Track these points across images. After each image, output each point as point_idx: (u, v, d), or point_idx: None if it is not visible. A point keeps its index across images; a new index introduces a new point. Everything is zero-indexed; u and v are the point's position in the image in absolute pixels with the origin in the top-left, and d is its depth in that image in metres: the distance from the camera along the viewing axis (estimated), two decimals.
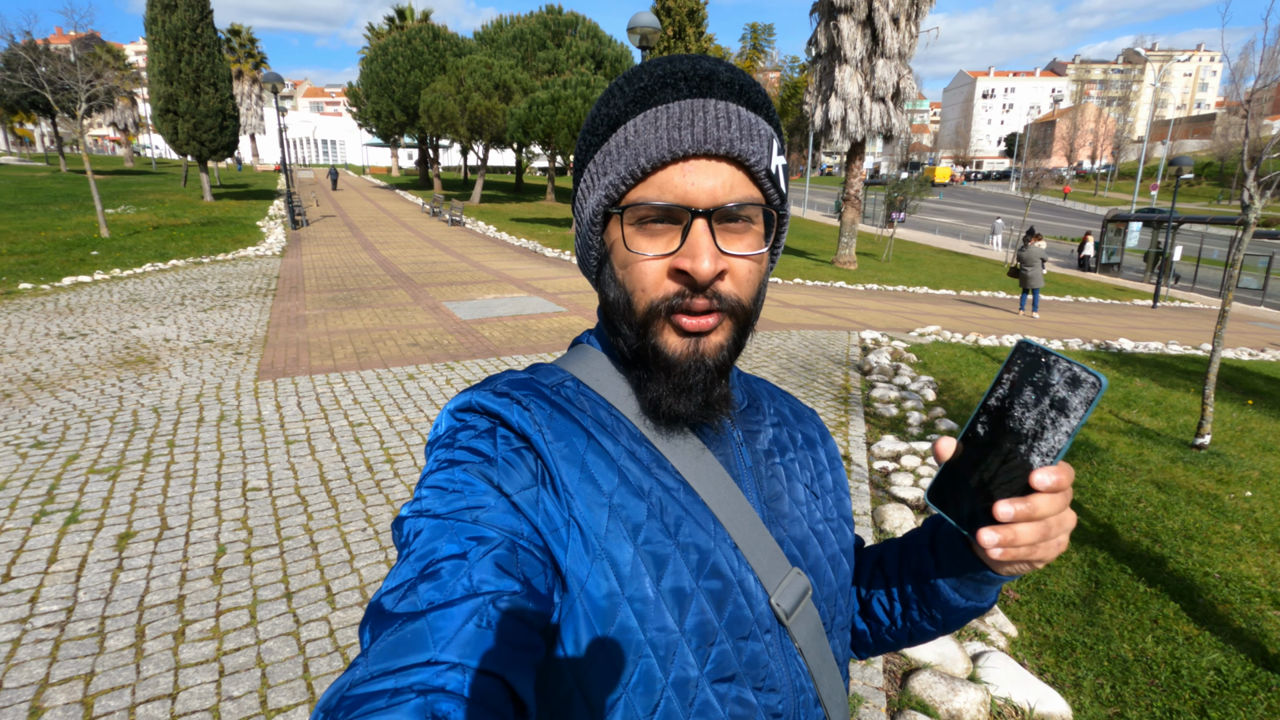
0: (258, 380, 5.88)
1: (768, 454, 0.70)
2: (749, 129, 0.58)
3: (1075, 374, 0.49)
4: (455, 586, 0.46)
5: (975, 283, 19.13)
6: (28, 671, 2.42)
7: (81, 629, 2.66)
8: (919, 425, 5.42)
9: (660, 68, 0.60)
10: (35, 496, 3.71)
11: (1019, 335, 9.80)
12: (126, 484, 3.89)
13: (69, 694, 2.32)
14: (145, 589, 2.93)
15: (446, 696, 0.40)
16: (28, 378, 5.81)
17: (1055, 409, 0.50)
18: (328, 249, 15.84)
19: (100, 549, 3.22)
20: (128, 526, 3.43)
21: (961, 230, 35.94)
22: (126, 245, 14.52)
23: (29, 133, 65.87)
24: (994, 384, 0.53)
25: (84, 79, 17.60)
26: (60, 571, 3.03)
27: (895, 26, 17.47)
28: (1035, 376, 0.51)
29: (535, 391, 0.61)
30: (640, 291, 0.59)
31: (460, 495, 0.53)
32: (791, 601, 0.63)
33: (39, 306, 8.78)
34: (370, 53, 38.12)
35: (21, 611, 2.75)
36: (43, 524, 3.43)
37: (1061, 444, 0.50)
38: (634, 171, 0.57)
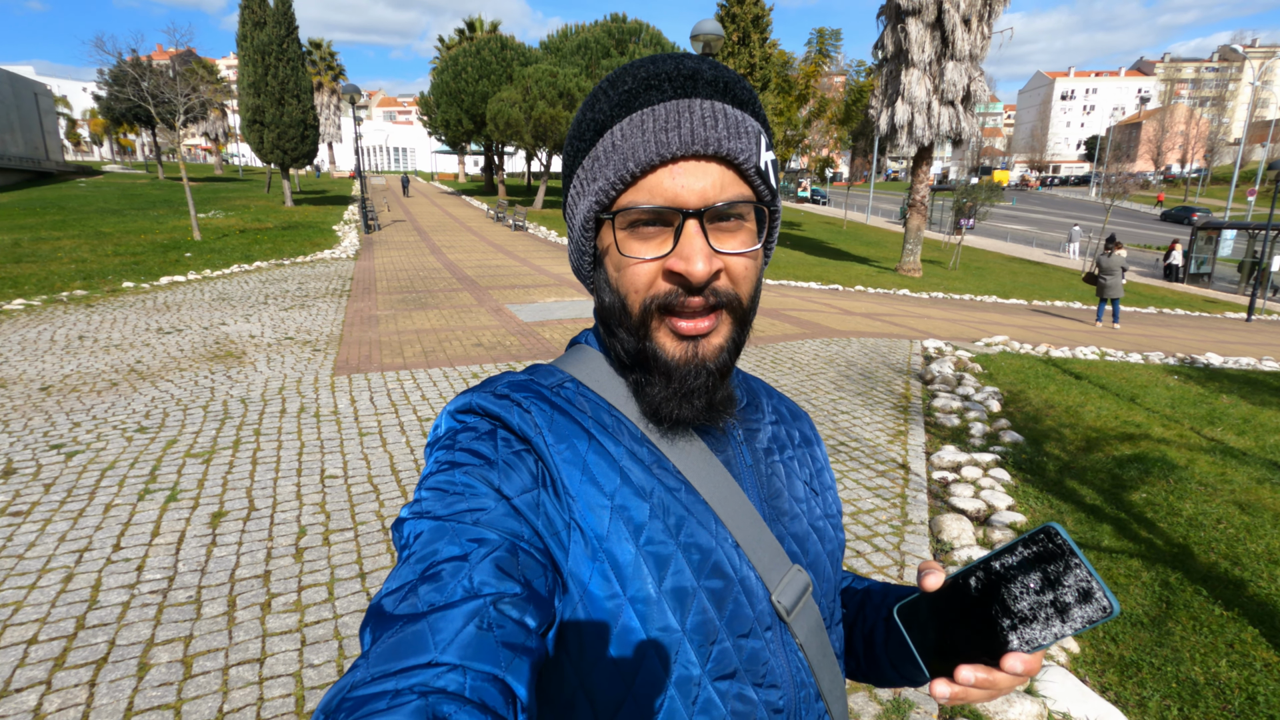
0: (334, 375, 6.22)
1: (767, 452, 0.70)
2: (736, 127, 0.58)
3: (1090, 588, 0.47)
4: (456, 588, 0.46)
5: (1049, 292, 18.36)
6: (136, 632, 2.68)
7: (181, 596, 2.91)
8: (982, 436, 5.30)
9: (644, 69, 0.59)
10: (140, 476, 4.06)
11: (1094, 348, 9.39)
12: (218, 467, 4.21)
13: (171, 654, 2.56)
14: (235, 564, 3.18)
15: (447, 698, 0.40)
16: (131, 368, 6.32)
17: (1055, 608, 0.48)
18: (398, 252, 16.50)
19: (196, 525, 3.51)
20: (219, 506, 3.72)
21: (1035, 238, 34.51)
22: (216, 247, 15.50)
23: (131, 142, 70.92)
24: (1005, 549, 0.51)
25: (182, 93, 18.92)
26: (162, 544, 3.32)
27: (966, 28, 17.00)
28: (1050, 567, 0.48)
29: (535, 393, 0.61)
30: (634, 293, 0.59)
31: (461, 497, 0.53)
32: (792, 598, 0.63)
33: (140, 303, 9.49)
34: (441, 63, 39.49)
35: (130, 579, 3.04)
36: (146, 501, 3.76)
37: (1046, 641, 0.49)
38: (623, 176, 0.57)
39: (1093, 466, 4.78)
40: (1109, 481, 4.54)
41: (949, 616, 0.53)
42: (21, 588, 2.94)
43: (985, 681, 0.51)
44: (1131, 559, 3.57)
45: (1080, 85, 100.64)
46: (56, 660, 2.51)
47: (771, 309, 10.82)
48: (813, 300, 12.68)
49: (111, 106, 35.73)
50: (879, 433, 5.30)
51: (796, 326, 9.39)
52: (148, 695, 2.35)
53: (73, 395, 5.53)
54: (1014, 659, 0.50)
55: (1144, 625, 3.02)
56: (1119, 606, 0.46)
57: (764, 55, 14.99)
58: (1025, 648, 0.49)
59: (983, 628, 0.51)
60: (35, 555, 3.19)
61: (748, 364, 7.20)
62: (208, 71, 43.96)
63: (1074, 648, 2.87)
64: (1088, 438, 5.36)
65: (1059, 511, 4.10)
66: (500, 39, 37.64)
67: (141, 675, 2.44)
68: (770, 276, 15.90)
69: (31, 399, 5.42)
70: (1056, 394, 6.55)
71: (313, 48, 51.98)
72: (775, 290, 13.76)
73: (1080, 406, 6.18)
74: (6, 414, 5.07)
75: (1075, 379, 7.23)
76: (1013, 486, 4.41)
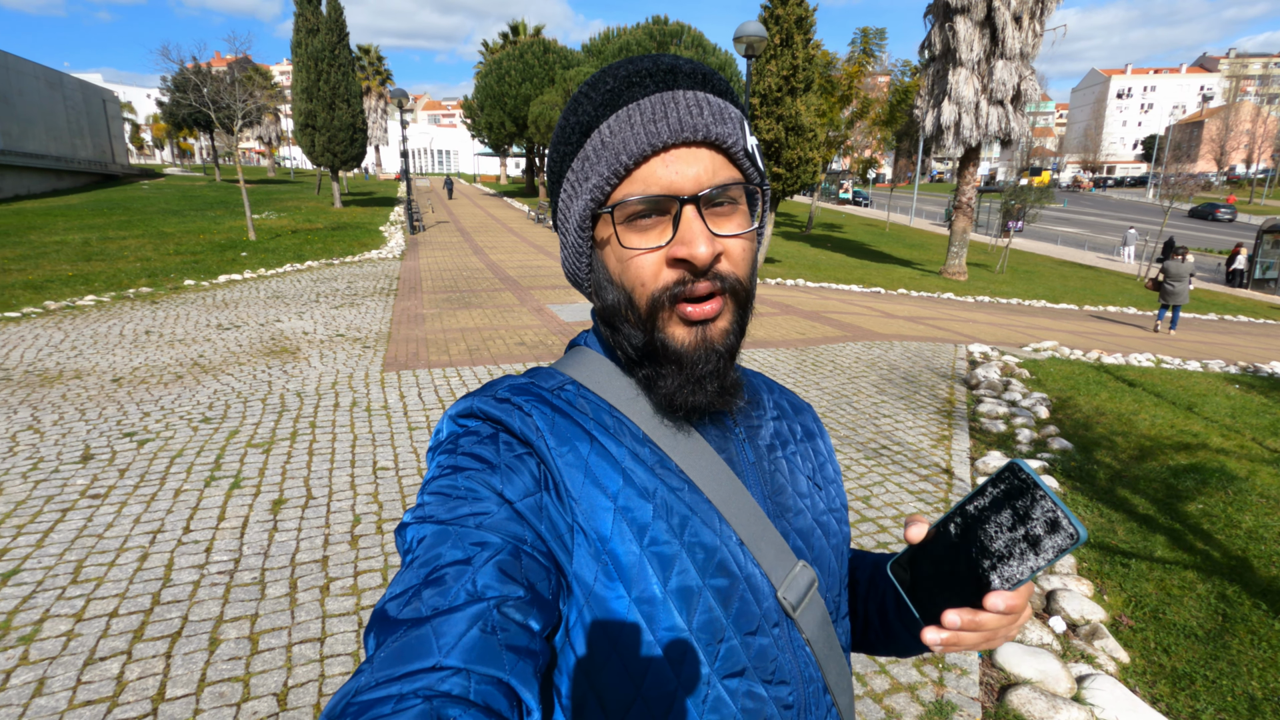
0: (383, 372, 6.43)
1: (770, 448, 0.70)
2: (720, 113, 0.59)
3: (1056, 518, 0.48)
4: (459, 592, 0.46)
5: (1101, 297, 17.79)
6: (206, 609, 2.84)
7: (246, 578, 3.08)
8: (1029, 443, 5.20)
9: (623, 69, 0.60)
10: (206, 464, 4.28)
11: (1149, 355, 9.09)
12: (277, 457, 4.40)
13: (239, 630, 2.71)
14: (295, 548, 3.33)
15: (452, 702, 0.40)
16: (194, 362, 6.63)
17: (1027, 542, 0.49)
18: (442, 253, 16.87)
19: (259, 511, 3.69)
20: (279, 494, 3.90)
21: (1088, 240, 33.43)
22: (269, 247, 16.07)
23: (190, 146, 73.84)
24: (977, 492, 0.52)
25: (240, 98, 19.66)
26: (228, 528, 3.51)
27: (1017, 25, 16.60)
28: (1018, 503, 0.50)
29: (536, 396, 0.61)
30: (640, 286, 0.59)
31: (464, 501, 0.53)
32: (798, 594, 0.63)
33: (200, 300, 9.93)
34: (485, 67, 40.17)
35: (199, 559, 3.21)
36: (212, 487, 3.96)
37: (1024, 576, 0.50)
38: (616, 170, 0.57)
39: (1146, 476, 4.66)
40: (1163, 491, 4.42)
41: (937, 566, 0.54)
42: (102, 564, 3.14)
43: (971, 623, 0.52)
44: (1186, 570, 3.48)
45: (1138, 83, 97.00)
46: (135, 632, 2.68)
47: (812, 311, 10.75)
48: (854, 303, 12.54)
49: (174, 112, 37.31)
50: (922, 437, 5.25)
51: (838, 329, 9.32)
52: (219, 668, 2.50)
53: (142, 386, 5.83)
54: (995, 597, 0.50)
55: (1199, 638, 2.95)
56: (1085, 531, 0.47)
57: (807, 56, 14.86)
58: (1005, 585, 0.50)
59: (967, 572, 0.52)
60: (113, 535, 3.40)
61: (789, 365, 7.19)
62: (262, 77, 45.54)
63: (1124, 657, 2.82)
64: (1141, 446, 5.21)
65: (1110, 520, 4.01)
66: (543, 42, 38.10)
67: (212, 649, 2.59)
68: (811, 278, 15.77)
69: (105, 389, 5.74)
70: (1108, 401, 6.38)
71: (362, 53, 53.36)
72: (816, 292, 13.65)
73: (1134, 414, 6.00)
74: (83, 403, 5.38)
75: (1129, 386, 7.02)
76: (1061, 494, 4.33)
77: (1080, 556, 3.60)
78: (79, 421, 4.97)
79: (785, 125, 15.19)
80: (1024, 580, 0.50)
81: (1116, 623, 3.08)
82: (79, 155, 33.09)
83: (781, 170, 15.59)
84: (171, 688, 2.39)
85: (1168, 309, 11.97)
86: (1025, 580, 0.50)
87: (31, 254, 13.91)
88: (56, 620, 2.74)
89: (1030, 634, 2.88)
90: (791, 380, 6.66)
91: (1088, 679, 2.60)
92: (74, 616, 2.76)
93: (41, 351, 6.90)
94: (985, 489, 0.52)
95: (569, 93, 29.93)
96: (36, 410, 5.19)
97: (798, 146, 15.31)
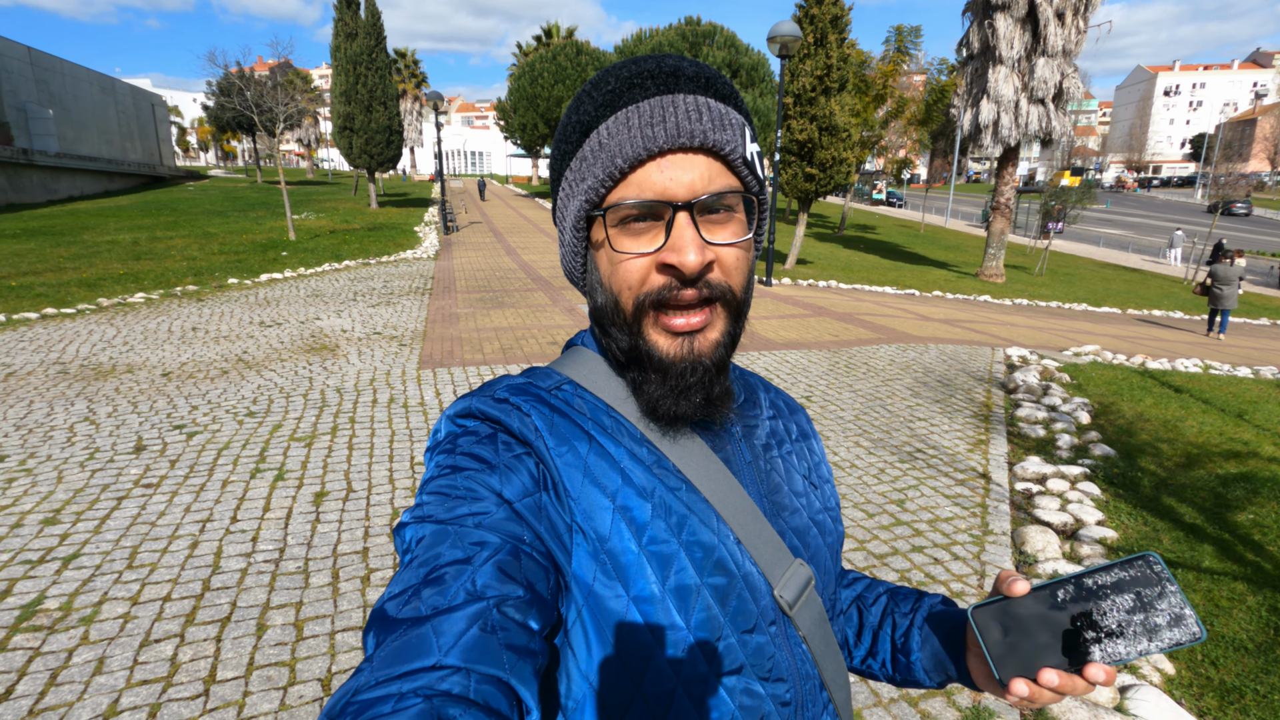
0: (419, 369, 6.55)
1: (766, 447, 0.70)
2: (720, 119, 0.58)
3: (1183, 614, 0.51)
4: (458, 591, 0.46)
5: (1146, 300, 17.28)
6: (253, 596, 2.94)
7: (291, 567, 3.17)
8: (1069, 449, 5.09)
9: (625, 70, 0.60)
10: (251, 456, 4.42)
11: (1196, 360, 8.81)
12: (319, 451, 4.52)
13: (285, 617, 2.80)
14: (337, 539, 3.43)
15: (451, 701, 0.40)
16: (239, 358, 6.84)
17: (1144, 629, 0.52)
18: (475, 253, 17.09)
19: (302, 503, 3.80)
20: (321, 486, 4.01)
21: (1132, 243, 32.48)
22: (309, 247, 16.46)
23: (233, 148, 75.96)
24: (1101, 569, 0.54)
25: (281, 101, 20.18)
26: (273, 519, 3.62)
27: (1060, 22, 16.21)
28: (1145, 591, 0.52)
29: (534, 396, 0.61)
30: (627, 290, 0.59)
31: (463, 501, 0.53)
32: (794, 592, 0.63)
33: (243, 299, 10.22)
34: (518, 69, 40.57)
35: (246, 548, 3.32)
36: (258, 479, 4.09)
37: (1130, 656, 0.52)
38: (611, 173, 0.57)
39: (1193, 484, 4.53)
40: (1211, 500, 4.29)
41: (1027, 624, 0.55)
42: (155, 551, 3.27)
43: (1065, 686, 0.53)
44: (1235, 581, 3.38)
45: (1186, 80, 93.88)
46: (187, 617, 2.79)
47: (845, 313, 10.65)
48: (888, 305, 12.38)
49: (218, 115, 38.41)
50: (958, 441, 5.17)
51: (871, 331, 9.22)
52: (266, 652, 2.58)
53: (190, 381, 6.03)
54: (1096, 669, 0.52)
55: (1249, 651, 2.87)
56: (1205, 633, 0.51)
57: (841, 56, 14.72)
58: (1107, 660, 0.52)
59: (1063, 638, 0.54)
60: (165, 523, 3.54)
61: (822, 367, 7.14)
62: (303, 81, 46.64)
63: (1169, 669, 2.75)
64: (1188, 454, 5.06)
65: (1154, 529, 3.91)
66: (576, 44, 38.34)
67: (260, 634, 2.68)
68: (844, 280, 15.61)
69: (155, 383, 5.95)
70: (1153, 407, 6.21)
71: (398, 56, 54.32)
72: (849, 294, 13.51)
73: (1180, 421, 5.83)
74: (135, 396, 5.59)
75: (1175, 392, 6.82)
76: (1103, 501, 4.23)
77: None
78: (131, 414, 5.16)
79: (819, 125, 15.06)
80: (1128, 660, 0.52)
81: None
82: (129, 158, 34.30)
83: (815, 171, 15.46)
84: (222, 670, 2.48)
85: (1217, 313, 11.79)
86: (1129, 660, 0.52)
87: (85, 253, 14.47)
88: (114, 603, 2.86)
89: None
90: (825, 382, 6.62)
91: (1131, 689, 2.55)
92: (130, 600, 2.88)
93: (96, 346, 7.18)
94: (1112, 568, 0.54)
95: None
96: (92, 402, 5.41)
97: (831, 147, 15.17)
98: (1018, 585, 0.56)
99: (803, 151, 15.40)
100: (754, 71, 33.00)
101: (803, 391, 6.29)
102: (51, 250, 14.78)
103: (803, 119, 15.09)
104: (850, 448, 4.94)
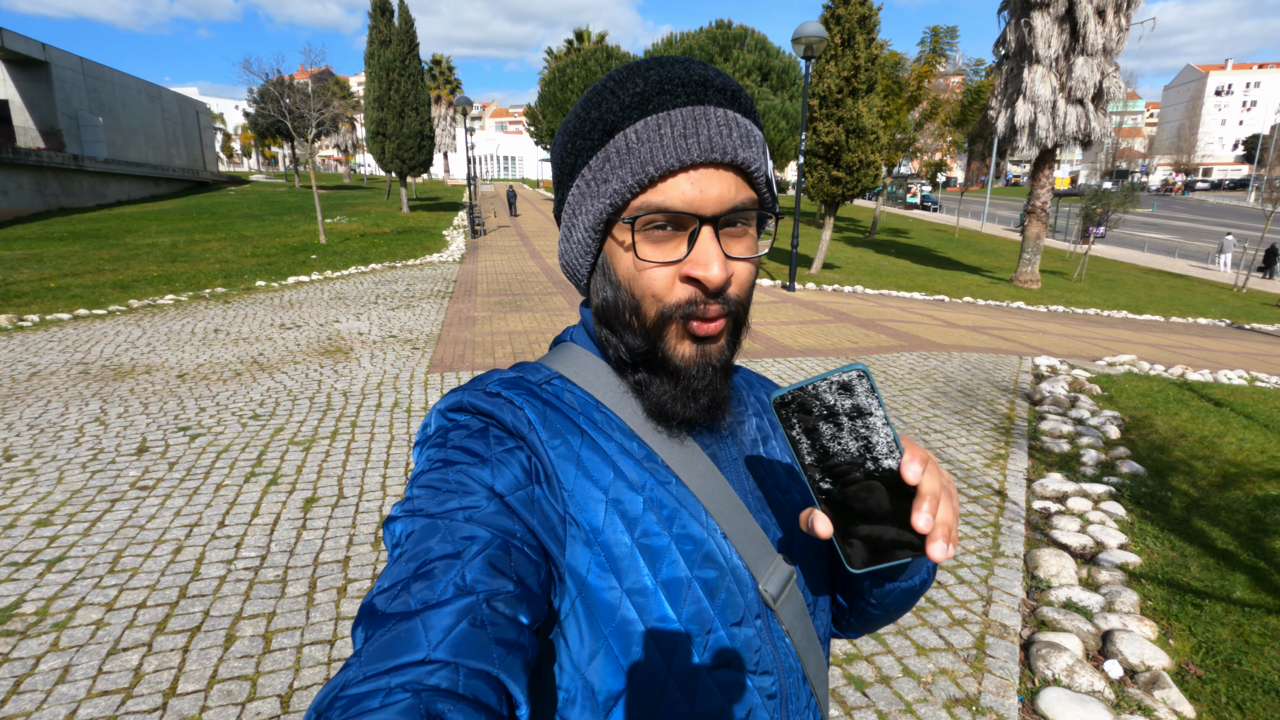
0: (428, 373, 6.53)
1: (752, 443, 0.71)
2: (746, 136, 0.59)
3: (839, 381, 0.49)
4: (448, 586, 0.46)
5: (1192, 308, 16.56)
6: (228, 604, 2.90)
7: (270, 575, 3.13)
8: (1095, 465, 4.82)
9: (654, 72, 0.59)
10: (249, 459, 4.42)
11: (1241, 371, 8.35)
12: (316, 455, 4.51)
13: (255, 628, 2.75)
14: (320, 547, 3.38)
15: (440, 695, 0.40)
16: (254, 360, 6.91)
17: (854, 416, 0.50)
18: (500, 256, 17.18)
19: (291, 509, 3.77)
20: (313, 492, 3.98)
21: (1179, 248, 31.26)
22: (338, 250, 16.73)
23: (273, 154, 78.08)
24: (791, 445, 0.52)
25: (315, 108, 20.60)
26: (259, 525, 3.59)
27: (1100, 19, 15.67)
28: (814, 410, 0.50)
29: (526, 390, 0.62)
30: (651, 298, 0.59)
31: (453, 495, 0.53)
32: (778, 586, 0.64)
33: (268, 301, 10.39)
34: (548, 74, 40.87)
35: (229, 555, 3.30)
36: (251, 483, 4.08)
37: (889, 436, 0.50)
38: (641, 180, 0.57)
39: (1228, 506, 4.24)
40: (1248, 524, 4.00)
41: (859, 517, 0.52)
42: (139, 556, 3.26)
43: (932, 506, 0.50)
44: (1269, 615, 3.12)
45: (1239, 79, 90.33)
46: (159, 625, 2.76)
47: (867, 319, 10.39)
48: (914, 311, 12.06)
49: (257, 121, 39.50)
50: (975, 455, 4.94)
51: (893, 338, 8.95)
52: (230, 665, 2.53)
53: (203, 383, 6.11)
54: (906, 468, 0.49)
55: (1278, 693, 2.62)
56: (862, 364, 0.49)
57: (869, 57, 14.42)
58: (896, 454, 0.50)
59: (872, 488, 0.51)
60: (154, 527, 3.54)
61: None
62: (340, 88, 47.69)
63: (1188, 712, 2.53)
64: (1225, 473, 4.75)
65: (1182, 554, 3.65)
66: (606, 49, 38.46)
67: (227, 646, 2.64)
68: (870, 285, 15.28)
69: (169, 385, 6.04)
70: (1190, 422, 5.87)
71: (433, 64, 55.20)
72: (874, 300, 13.20)
73: (1218, 437, 5.50)
74: (147, 398, 5.66)
75: (1214, 405, 6.45)
76: (1127, 523, 3.98)
77: (1145, 594, 3.28)
78: (141, 415, 5.23)
79: (845, 127, 14.77)
80: (893, 437, 0.50)
81: (1183, 671, 2.78)
82: (174, 164, 35.42)
83: (841, 174, 15.17)
84: (184, 682, 2.44)
85: None
86: (893, 436, 0.50)
87: (124, 255, 14.92)
88: (90, 609, 2.84)
89: (1080, 679, 2.62)
90: None
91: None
92: (106, 606, 2.87)
93: (120, 347, 7.34)
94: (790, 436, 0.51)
95: None
96: (105, 403, 5.50)
97: (858, 149, 14.87)
98: (819, 526, 0.52)
99: (829, 154, 15.13)
100: (785, 74, 32.69)
101: None
102: (94, 253, 15.28)
103: (829, 121, 14.82)
104: None
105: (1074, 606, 3.13)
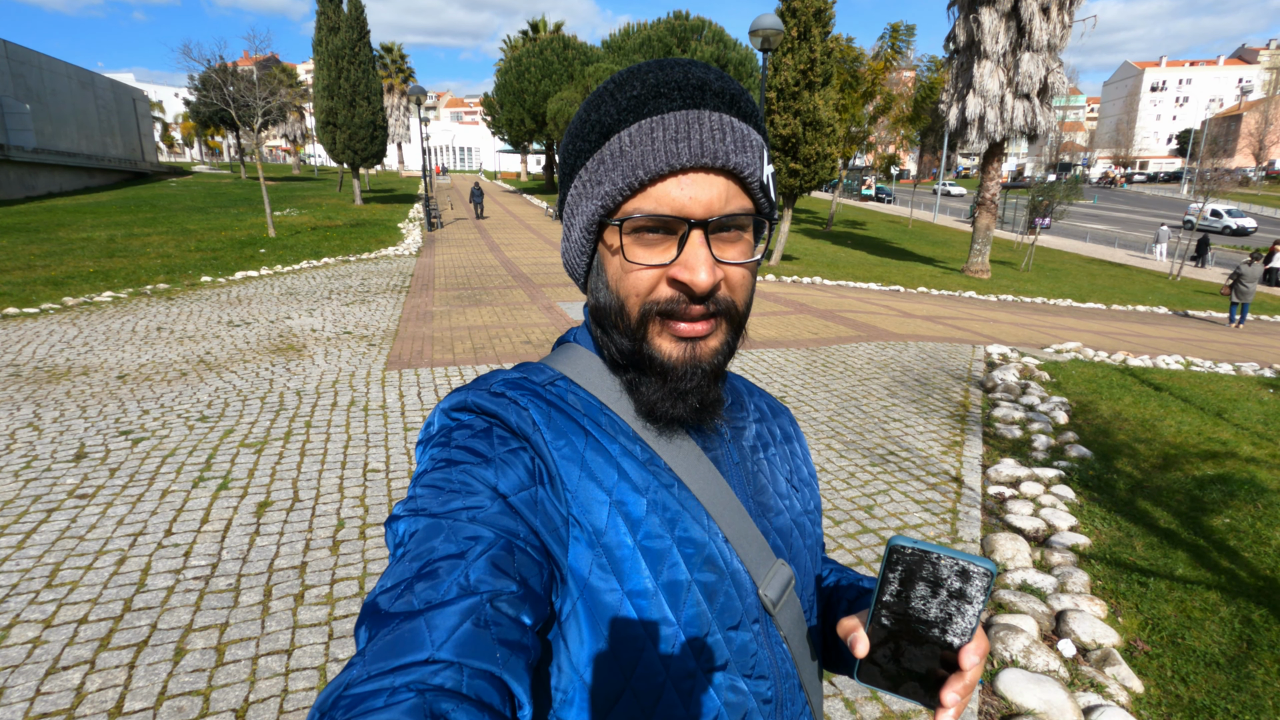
0: (385, 370, 6.37)
1: (753, 449, 0.71)
2: (742, 141, 0.58)
3: (963, 568, 0.51)
4: (451, 586, 0.46)
5: (1131, 296, 17.27)
6: (177, 616, 2.78)
7: (222, 584, 3.01)
8: (1046, 450, 4.98)
9: (652, 75, 0.59)
10: (196, 464, 4.24)
11: (1178, 357, 8.75)
12: (269, 458, 4.35)
13: (206, 640, 2.64)
14: (275, 553, 3.26)
15: (444, 695, 0.40)
16: (200, 359, 6.64)
17: (955, 598, 0.52)
18: (458, 250, 16.88)
19: (243, 514, 3.63)
20: (266, 496, 3.84)
21: (1118, 238, 32.56)
22: (288, 244, 16.19)
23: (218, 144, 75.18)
24: (881, 582, 0.53)
25: (260, 96, 19.86)
26: (210, 532, 3.45)
27: (1045, 16, 16.13)
28: (923, 573, 0.52)
29: (531, 391, 0.62)
30: (634, 297, 0.60)
31: (457, 495, 0.53)
32: (777, 591, 0.64)
33: (215, 297, 9.99)
34: (505, 64, 40.24)
35: (177, 564, 3.16)
36: (200, 489, 3.91)
37: (971, 625, 0.52)
38: (631, 183, 0.57)
39: (1169, 486, 4.43)
40: (1187, 503, 4.19)
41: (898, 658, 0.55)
42: (79, 568, 3.10)
43: (964, 690, 0.52)
44: (1209, 591, 3.27)
45: (1173, 75, 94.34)
46: (102, 641, 2.62)
47: (826, 310, 10.53)
48: (871, 301, 12.28)
49: (199, 110, 37.92)
50: (932, 443, 5.05)
51: (851, 329, 9.10)
52: (180, 680, 2.42)
53: (145, 384, 5.84)
54: (967, 655, 0.52)
55: (1220, 666, 2.75)
56: (994, 565, 0.50)
57: (825, 50, 14.58)
58: (964, 639, 0.52)
59: (925, 648, 0.54)
60: (95, 537, 3.36)
61: (799, 366, 7.01)
62: (287, 76, 46.09)
63: (1137, 686, 2.64)
64: (1165, 454, 4.97)
65: (1128, 534, 3.80)
66: (563, 39, 38.06)
67: (177, 660, 2.52)
68: (828, 276, 15.51)
69: (109, 386, 5.75)
70: (1132, 406, 6.12)
71: (384, 51, 53.77)
72: (833, 290, 13.40)
73: (1158, 420, 5.74)
74: (85, 400, 5.39)
75: (1154, 390, 6.74)
76: (1077, 505, 4.12)
77: (1094, 574, 3.40)
78: (79, 419, 4.97)
79: (803, 120, 14.91)
80: (974, 628, 0.52)
81: (1131, 648, 2.89)
82: (110, 153, 33.74)
83: (799, 166, 15.33)
84: (130, 700, 2.32)
85: (1238, 307, 13.39)
86: (974, 628, 0.52)
87: (57, 250, 14.16)
88: (25, 626, 2.69)
89: (1036, 659, 2.70)
90: (800, 382, 6.49)
91: (1096, 711, 2.43)
92: (43, 623, 2.71)
93: (54, 348, 6.96)
94: (887, 577, 0.53)
95: (588, 89, 29.86)
96: (39, 407, 5.22)
97: (815, 142, 15.04)
98: (859, 648, 0.55)
99: (787, 147, 15.26)
100: (741, 66, 32.85)
101: (777, 392, 6.16)
102: (23, 248, 14.46)
103: (786, 114, 14.94)
104: (822, 450, 4.81)
105: (1029, 588, 3.23)
